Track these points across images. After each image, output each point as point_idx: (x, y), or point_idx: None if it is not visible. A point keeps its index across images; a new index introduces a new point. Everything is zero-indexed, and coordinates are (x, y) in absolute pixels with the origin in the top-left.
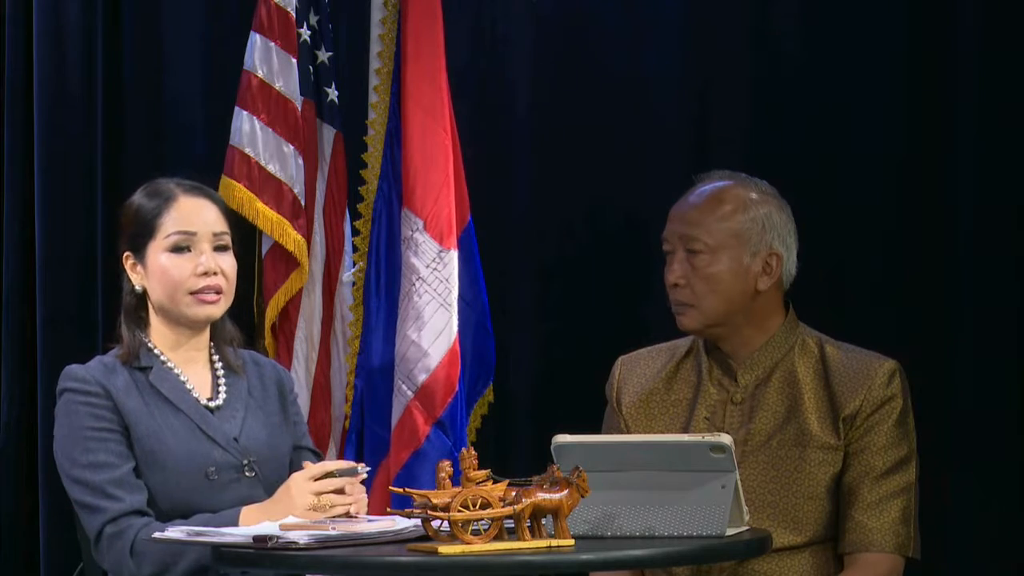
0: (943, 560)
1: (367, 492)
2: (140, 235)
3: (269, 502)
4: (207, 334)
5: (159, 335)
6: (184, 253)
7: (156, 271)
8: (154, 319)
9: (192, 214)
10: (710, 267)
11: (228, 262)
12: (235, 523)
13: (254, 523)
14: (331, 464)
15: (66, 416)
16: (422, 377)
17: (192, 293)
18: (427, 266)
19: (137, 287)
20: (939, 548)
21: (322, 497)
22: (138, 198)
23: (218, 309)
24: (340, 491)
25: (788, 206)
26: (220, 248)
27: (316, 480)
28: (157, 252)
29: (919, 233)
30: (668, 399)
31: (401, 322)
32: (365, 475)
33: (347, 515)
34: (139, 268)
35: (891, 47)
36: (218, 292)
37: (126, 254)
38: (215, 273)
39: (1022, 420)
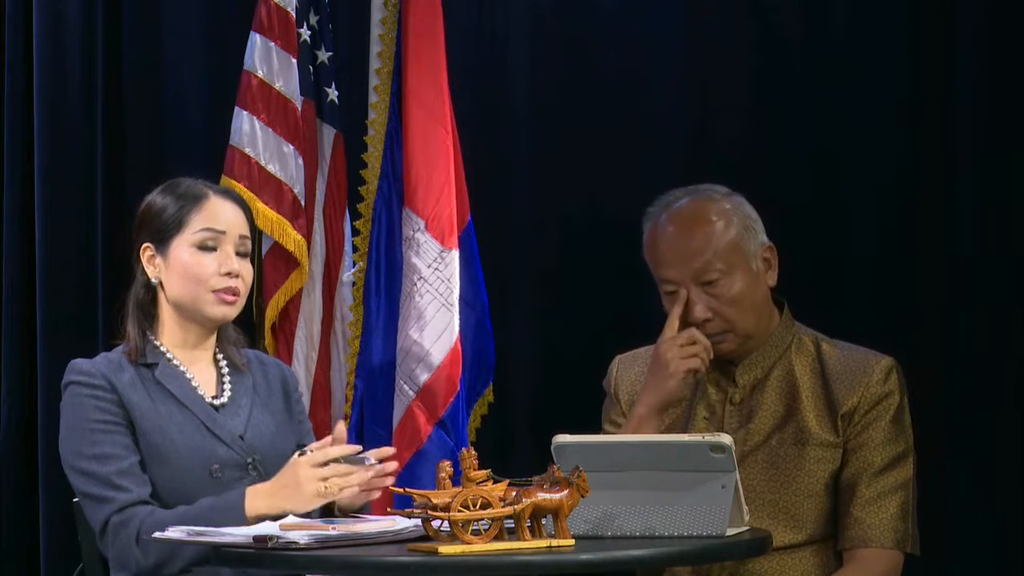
0: (941, 558)
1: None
2: (165, 228)
3: (275, 485)
4: (214, 334)
5: (167, 331)
6: (210, 252)
7: (179, 265)
8: (165, 314)
9: (221, 214)
10: (732, 289)
11: (247, 268)
12: (240, 507)
13: (260, 507)
14: (334, 450)
15: (71, 409)
16: (424, 377)
17: (214, 292)
18: (429, 266)
19: (153, 279)
20: (937, 547)
21: (329, 482)
22: (162, 195)
23: (234, 311)
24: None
25: None
26: (241, 253)
27: (321, 466)
28: (182, 247)
29: (919, 232)
30: None
31: (403, 322)
32: (373, 464)
33: (353, 515)
34: (157, 260)
35: (891, 47)
36: (235, 294)
37: (145, 246)
38: (236, 275)
39: (1021, 419)
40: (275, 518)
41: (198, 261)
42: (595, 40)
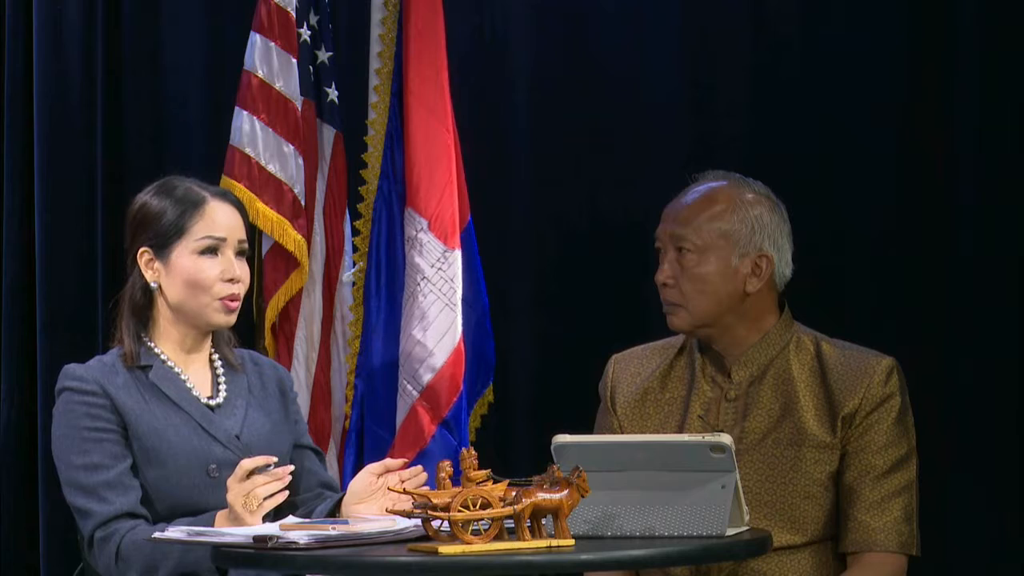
0: (942, 560)
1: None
2: (165, 234)
3: (228, 509)
4: (210, 337)
5: (163, 333)
6: (212, 257)
7: (181, 271)
8: (162, 317)
9: (222, 220)
10: (697, 267)
11: (246, 269)
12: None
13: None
14: (247, 462)
15: (64, 416)
16: (427, 377)
17: (219, 299)
18: (432, 266)
19: (152, 283)
20: (938, 547)
21: (249, 496)
22: (157, 197)
23: (234, 317)
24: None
25: (783, 208)
26: (240, 254)
27: (241, 482)
28: (185, 253)
29: (919, 233)
30: (663, 397)
31: (406, 322)
32: (271, 463)
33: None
34: (156, 265)
35: (891, 47)
36: (237, 300)
37: (142, 250)
38: (239, 281)
39: (1021, 419)
40: None
41: (200, 268)
42: (595, 40)
